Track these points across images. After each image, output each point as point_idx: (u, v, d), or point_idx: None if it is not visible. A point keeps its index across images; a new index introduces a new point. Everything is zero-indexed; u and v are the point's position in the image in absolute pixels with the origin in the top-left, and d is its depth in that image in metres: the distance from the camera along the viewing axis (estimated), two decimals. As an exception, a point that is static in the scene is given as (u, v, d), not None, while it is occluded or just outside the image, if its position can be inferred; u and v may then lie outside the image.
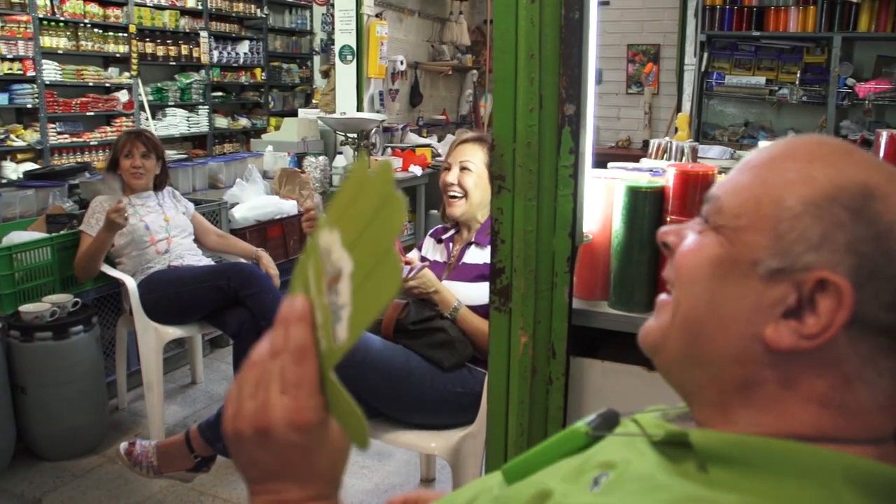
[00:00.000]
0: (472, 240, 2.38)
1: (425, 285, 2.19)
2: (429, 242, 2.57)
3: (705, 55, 5.16)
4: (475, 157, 2.35)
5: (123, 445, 2.49)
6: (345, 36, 6.20)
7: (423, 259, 2.52)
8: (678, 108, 5.35)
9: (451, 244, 2.47)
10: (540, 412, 1.86)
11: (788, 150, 0.67)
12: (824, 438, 0.62)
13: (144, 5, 7.35)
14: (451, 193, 2.37)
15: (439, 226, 2.63)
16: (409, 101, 7.06)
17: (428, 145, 6.26)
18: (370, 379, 2.08)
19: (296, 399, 0.59)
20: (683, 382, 0.71)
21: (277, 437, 0.59)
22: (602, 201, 1.92)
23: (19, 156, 6.31)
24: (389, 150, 6.08)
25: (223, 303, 3.04)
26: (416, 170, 5.63)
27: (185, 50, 7.85)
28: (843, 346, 0.61)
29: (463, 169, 2.35)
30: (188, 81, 7.97)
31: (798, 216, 0.62)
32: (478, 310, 2.20)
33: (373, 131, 5.94)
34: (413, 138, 6.55)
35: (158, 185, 3.42)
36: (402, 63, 6.60)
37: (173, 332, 3.12)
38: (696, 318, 0.68)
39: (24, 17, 6.31)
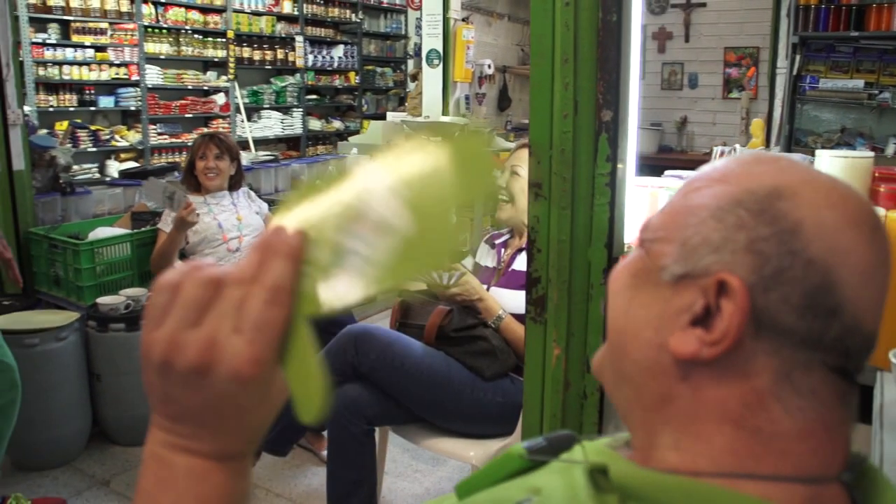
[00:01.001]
0: (523, 246, 2.35)
1: (468, 292, 2.17)
2: (483, 248, 2.55)
3: (798, 57, 4.93)
4: (525, 162, 2.32)
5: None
6: (431, 40, 6.24)
7: (476, 265, 2.50)
8: (769, 114, 5.13)
9: (503, 249, 2.45)
10: (574, 427, 1.81)
11: (717, 166, 0.64)
12: (745, 474, 0.57)
13: (242, 12, 7.61)
14: (500, 197, 2.35)
15: (495, 231, 2.61)
16: (497, 105, 7.05)
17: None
18: (410, 384, 2.08)
19: (251, 344, 0.49)
20: (619, 404, 0.69)
21: (214, 383, 0.49)
22: (647, 210, 1.86)
23: (122, 155, 6.63)
24: (473, 153, 6.07)
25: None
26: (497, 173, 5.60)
27: (280, 54, 8.07)
28: (754, 357, 0.57)
29: (513, 174, 2.32)
30: (283, 85, 8.19)
31: (703, 221, 0.59)
32: (524, 319, 2.16)
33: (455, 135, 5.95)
34: (500, 142, 6.52)
35: (233, 185, 3.52)
36: (489, 67, 6.59)
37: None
38: (617, 330, 0.66)
39: (131, 25, 6.63)
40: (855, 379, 0.59)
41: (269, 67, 8.06)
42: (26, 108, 5.68)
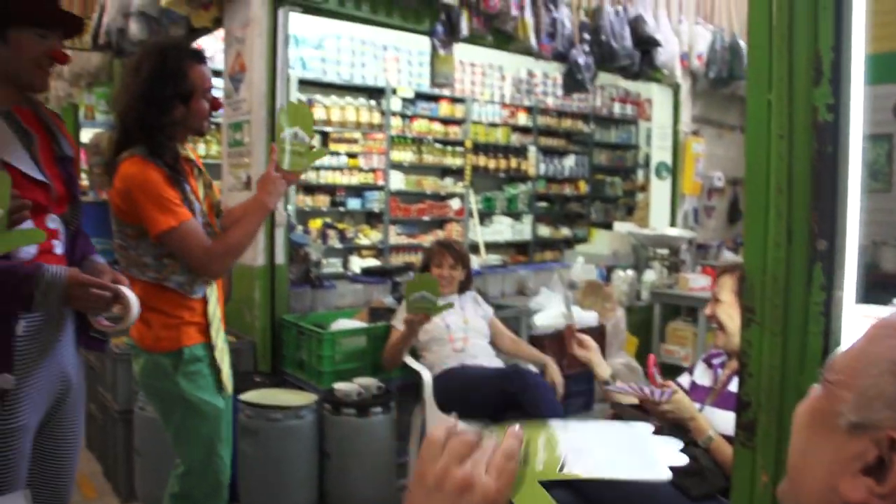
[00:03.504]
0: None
1: (680, 410, 2.19)
2: (701, 366, 2.56)
3: None
4: (725, 288, 2.36)
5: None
6: (661, 152, 6.33)
7: (692, 384, 2.51)
8: None
9: (720, 370, 2.44)
10: (780, 557, 1.76)
11: None
12: None
13: (480, 123, 8.15)
14: (711, 325, 2.39)
15: (714, 350, 2.61)
16: (728, 218, 6.92)
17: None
18: (615, 493, 2.12)
19: (496, 483, 0.73)
20: None
21: (470, 499, 0.72)
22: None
23: (364, 252, 7.24)
24: (700, 267, 5.99)
25: (504, 404, 3.24)
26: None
27: (514, 163, 8.51)
28: None
29: (716, 301, 2.36)
30: (515, 192, 8.59)
31: (882, 374, 0.64)
32: (734, 441, 2.14)
33: (683, 248, 5.92)
34: (728, 256, 6.38)
35: (462, 288, 3.78)
36: (719, 179, 6.53)
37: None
38: (794, 466, 0.72)
39: (381, 136, 7.34)
40: None
41: (503, 175, 8.50)
42: (288, 208, 6.42)
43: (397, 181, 7.53)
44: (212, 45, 5.81)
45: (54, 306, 1.83)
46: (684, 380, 2.58)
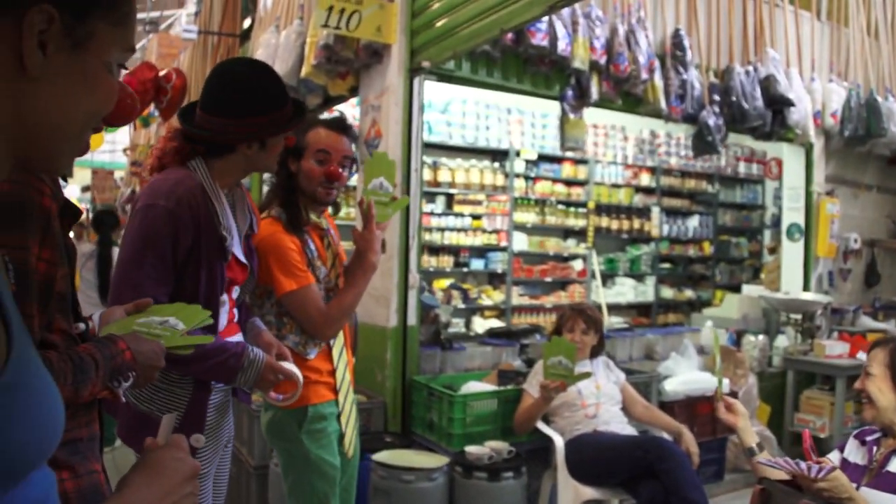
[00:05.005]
0: (899, 448, 2.22)
1: (837, 489, 2.09)
2: (852, 444, 2.44)
3: None
4: (875, 361, 2.27)
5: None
6: (792, 214, 6.15)
7: (843, 461, 2.40)
8: None
9: (874, 448, 2.32)
10: None
11: None
12: None
13: (603, 184, 8.13)
14: (862, 399, 2.31)
15: (867, 426, 2.49)
16: (865, 281, 6.61)
17: (883, 331, 5.76)
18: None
19: None
20: None
21: None
22: None
23: (486, 313, 7.29)
24: (836, 333, 5.72)
25: (639, 472, 3.18)
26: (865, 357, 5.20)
27: (636, 224, 8.42)
28: None
29: (867, 374, 2.27)
30: (638, 253, 8.48)
31: None
32: (898, 525, 2.03)
33: (818, 313, 5.69)
34: (866, 322, 6.08)
35: (594, 354, 3.75)
36: (855, 241, 6.27)
37: (590, 492, 3.33)
38: None
39: (504, 198, 7.43)
40: None
41: (626, 236, 8.43)
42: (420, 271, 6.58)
43: (520, 242, 7.58)
44: (346, 111, 6.10)
45: (249, 384, 2.02)
46: (833, 456, 2.46)
